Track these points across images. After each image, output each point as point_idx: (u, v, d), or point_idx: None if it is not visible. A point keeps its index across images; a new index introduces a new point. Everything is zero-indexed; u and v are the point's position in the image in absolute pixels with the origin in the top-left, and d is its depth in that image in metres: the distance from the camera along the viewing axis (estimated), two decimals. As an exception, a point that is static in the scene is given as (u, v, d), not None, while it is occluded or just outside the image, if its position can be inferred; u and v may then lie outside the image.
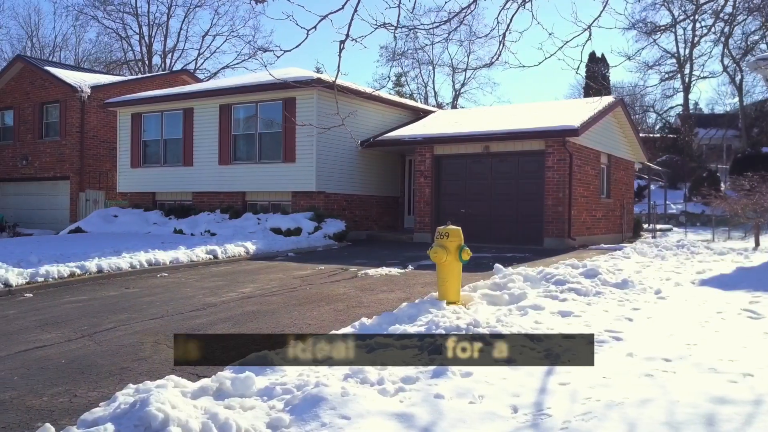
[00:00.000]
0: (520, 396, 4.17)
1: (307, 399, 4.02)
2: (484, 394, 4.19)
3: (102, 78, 27.56)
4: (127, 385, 4.48)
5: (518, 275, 8.19)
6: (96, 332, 7.20)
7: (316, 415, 3.85)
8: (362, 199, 19.52)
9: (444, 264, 7.01)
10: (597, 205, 19.06)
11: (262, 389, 4.35)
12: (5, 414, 4.81)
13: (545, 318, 6.36)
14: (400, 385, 4.37)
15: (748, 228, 25.05)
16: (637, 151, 22.66)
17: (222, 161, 19.24)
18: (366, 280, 10.52)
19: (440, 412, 3.91)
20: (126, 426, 3.41)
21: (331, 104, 18.03)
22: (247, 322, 7.54)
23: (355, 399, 4.02)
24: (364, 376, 4.43)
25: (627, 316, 6.44)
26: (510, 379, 4.50)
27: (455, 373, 4.55)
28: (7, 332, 7.33)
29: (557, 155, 16.61)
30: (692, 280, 8.76)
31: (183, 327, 7.36)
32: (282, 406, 4.03)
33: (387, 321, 6.25)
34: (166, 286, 10.27)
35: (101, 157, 25.44)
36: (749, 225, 25.23)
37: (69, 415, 4.74)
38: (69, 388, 5.33)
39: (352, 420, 3.77)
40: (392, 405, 4.05)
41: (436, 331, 5.51)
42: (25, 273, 10.03)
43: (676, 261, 11.09)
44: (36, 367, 5.95)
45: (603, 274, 8.28)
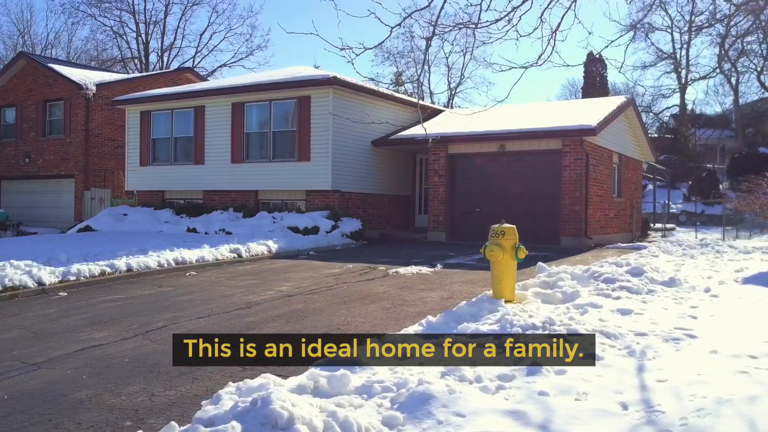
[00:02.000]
0: (623, 393, 4.16)
1: (415, 397, 3.98)
2: (587, 392, 4.17)
3: (106, 75, 27.35)
4: (227, 383, 4.43)
5: (565, 274, 8.19)
6: (148, 331, 7.12)
7: (428, 412, 3.82)
8: (375, 198, 19.49)
9: (500, 262, 7.00)
10: (610, 205, 19.13)
11: (358, 387, 4.31)
12: (88, 413, 4.75)
13: (607, 316, 6.35)
14: (498, 383, 4.34)
15: (755, 227, 25.27)
16: (645, 151, 22.77)
17: (234, 160, 19.12)
18: (399, 279, 10.49)
19: (550, 409, 3.89)
20: (252, 424, 3.36)
21: (346, 103, 18.01)
22: (299, 320, 7.49)
23: (462, 397, 3.99)
24: (462, 374, 4.41)
25: (689, 314, 6.45)
26: (604, 376, 4.49)
27: (549, 371, 4.53)
28: (55, 331, 7.24)
29: (574, 154, 16.65)
30: (734, 278, 8.81)
31: (234, 325, 7.30)
32: (389, 404, 4.00)
33: (452, 319, 6.23)
34: (200, 285, 10.19)
35: (106, 156, 25.21)
36: (755, 224, 25.47)
37: (155, 414, 4.69)
38: (144, 387, 5.27)
39: (468, 418, 3.75)
40: (499, 402, 4.03)
41: (512, 330, 5.49)
42: (57, 272, 9.92)
43: (705, 260, 11.15)
44: (101, 366, 5.88)
45: (648, 273, 8.29)
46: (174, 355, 5.59)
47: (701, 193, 39.07)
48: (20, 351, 6.44)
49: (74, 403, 4.95)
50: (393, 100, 20.30)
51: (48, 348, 6.52)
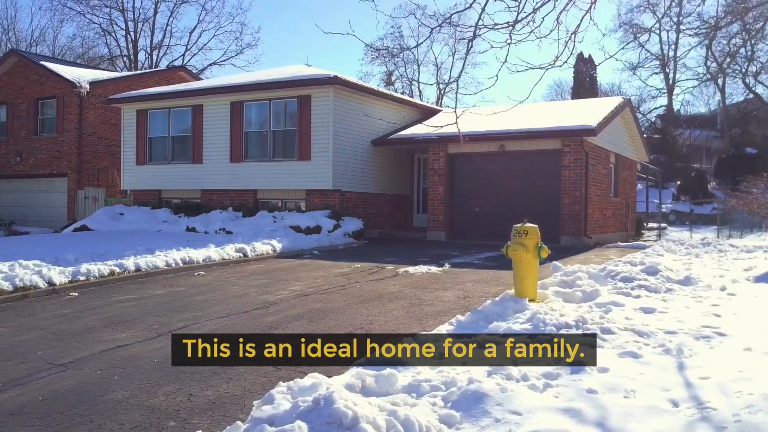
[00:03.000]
0: (669, 390, 4.21)
1: (468, 395, 4.00)
2: (634, 389, 4.22)
3: (99, 74, 27.12)
4: (278, 383, 4.42)
5: (582, 273, 8.26)
6: (170, 331, 7.07)
7: (484, 411, 3.84)
8: (374, 198, 19.50)
9: (523, 262, 7.04)
10: (607, 204, 19.29)
11: (405, 386, 4.32)
12: (128, 413, 4.72)
13: (632, 314, 6.42)
14: (544, 381, 4.38)
15: (745, 226, 25.61)
16: (640, 151, 22.99)
17: (233, 159, 19.05)
18: (411, 278, 10.51)
19: (602, 407, 3.93)
20: (318, 423, 3.37)
21: (347, 102, 18.01)
22: (320, 319, 7.48)
23: (515, 395, 4.02)
24: (508, 373, 4.43)
25: (712, 312, 6.53)
26: (647, 374, 4.54)
27: (592, 369, 4.57)
28: (76, 332, 7.18)
29: (574, 154, 16.77)
30: (746, 277, 8.92)
31: (256, 325, 7.28)
32: (442, 403, 4.02)
33: (480, 318, 6.26)
34: (211, 285, 10.15)
35: (99, 155, 25.01)
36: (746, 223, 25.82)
37: (197, 414, 4.67)
38: (179, 387, 5.24)
39: (524, 416, 3.77)
40: (550, 400, 4.06)
41: (546, 329, 5.52)
42: (67, 271, 9.84)
43: (710, 258, 11.28)
44: (131, 366, 5.84)
45: (663, 272, 8.38)
46: (180, 356, 5.55)
47: (690, 193, 39.53)
48: (44, 352, 6.39)
49: (112, 404, 4.91)
50: (392, 99, 20.34)
51: (72, 348, 6.46)
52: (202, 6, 58.90)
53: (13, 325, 7.58)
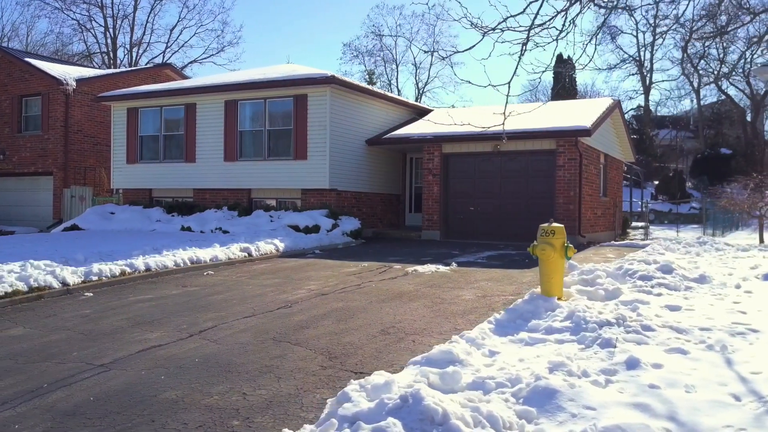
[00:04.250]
0: (727, 385, 4.37)
1: (538, 391, 4.11)
2: (693, 384, 4.36)
3: (85, 71, 26.74)
4: (349, 381, 4.48)
5: (600, 271, 8.43)
6: (201, 331, 7.08)
7: (558, 406, 3.95)
8: (368, 197, 19.56)
9: (551, 261, 7.18)
10: (598, 204, 19.61)
11: (470, 383, 4.41)
12: (187, 413, 4.74)
13: (659, 312, 6.58)
14: (604, 377, 4.50)
15: (726, 224, 26.26)
16: (627, 151, 23.39)
17: (228, 158, 18.95)
18: (422, 277, 10.60)
19: (669, 401, 4.07)
20: (410, 420, 3.44)
21: (343, 102, 18.05)
22: (348, 318, 7.54)
23: (582, 391, 4.14)
24: (569, 369, 4.55)
25: (737, 309, 6.73)
26: (699, 369, 4.69)
27: (647, 364, 4.71)
28: (104, 332, 7.14)
29: (568, 154, 17.02)
30: (754, 275, 9.17)
31: (285, 324, 7.31)
32: (514, 399, 4.11)
33: (516, 317, 6.38)
34: (225, 284, 10.13)
35: (85, 153, 24.69)
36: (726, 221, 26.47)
37: (258, 412, 4.70)
38: (230, 386, 5.27)
39: (598, 410, 3.89)
40: (616, 395, 4.18)
41: (587, 326, 5.66)
42: (79, 271, 9.75)
43: (711, 257, 11.57)
44: (173, 366, 5.84)
45: (677, 270, 8.60)
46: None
47: (668, 193, 40.30)
48: (80, 352, 6.35)
49: (168, 404, 4.93)
50: (386, 99, 20.43)
51: (107, 349, 6.44)
52: (183, 3, 58.41)
53: (37, 325, 7.51)
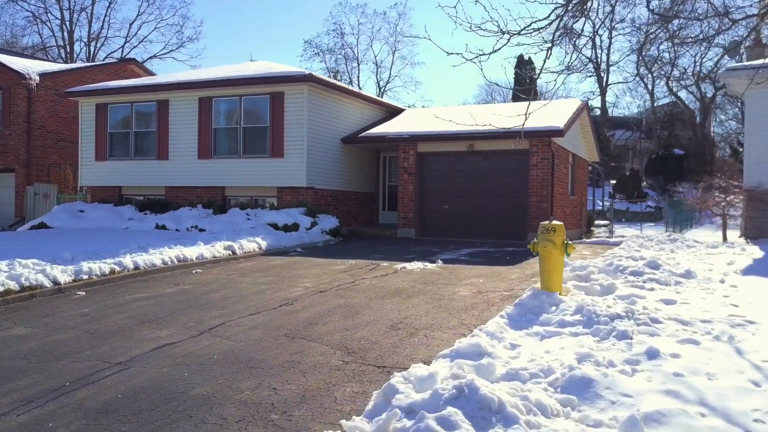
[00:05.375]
0: (744, 372, 4.65)
1: (575, 381, 4.32)
2: (713, 372, 4.63)
3: (48, 65, 26.09)
4: (393, 374, 4.61)
5: (593, 267, 8.74)
6: (211, 329, 7.10)
7: (596, 394, 4.16)
8: (344, 195, 19.64)
9: (552, 257, 7.43)
10: (567, 202, 20.13)
11: (503, 374, 4.59)
12: (222, 408, 4.78)
13: (656, 305, 6.89)
14: (630, 366, 4.73)
15: (684, 222, 27.20)
16: (592, 151, 24.03)
17: (202, 155, 18.78)
18: (412, 275, 10.76)
19: (695, 388, 4.32)
20: (470, 409, 3.60)
21: (319, 100, 18.09)
22: (353, 315, 7.65)
23: (615, 379, 4.36)
24: (596, 359, 4.77)
25: (728, 302, 7.09)
26: (715, 359, 4.98)
27: (665, 354, 4.97)
28: (111, 330, 7.09)
29: (541, 154, 17.44)
30: (733, 270, 9.63)
31: (294, 321, 7.37)
32: (552, 389, 4.31)
33: (526, 311, 6.60)
34: (218, 283, 10.11)
35: (49, 149, 24.08)
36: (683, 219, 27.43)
37: (294, 406, 4.77)
38: (258, 382, 5.33)
39: (635, 398, 4.12)
40: (645, 383, 4.42)
41: (599, 319, 5.91)
42: (69, 270, 9.60)
43: (685, 254, 12.05)
44: (194, 363, 5.86)
45: (663, 266, 8.98)
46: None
47: (625, 192, 41.47)
48: (92, 351, 6.31)
49: (200, 400, 4.97)
50: (361, 98, 20.54)
51: (120, 347, 6.41)
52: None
53: (38, 325, 7.40)
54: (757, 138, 15.46)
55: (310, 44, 66.93)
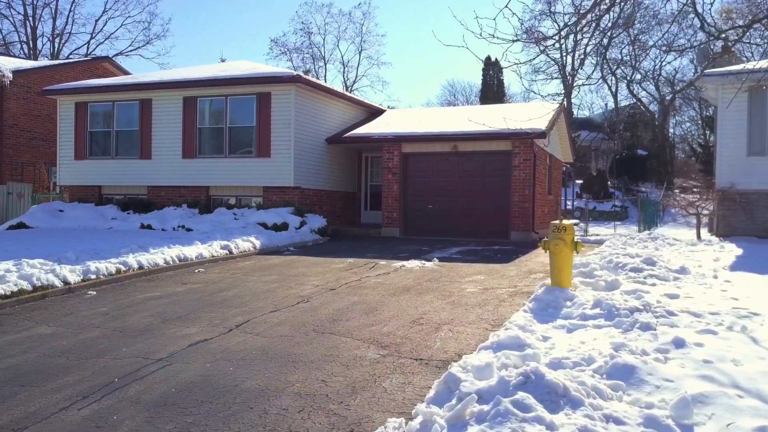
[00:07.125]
0: (765, 359, 5.07)
1: (618, 368, 4.66)
2: (738, 359, 5.03)
3: (20, 62, 25.59)
4: (453, 365, 4.87)
5: (594, 264, 9.16)
6: (238, 326, 7.27)
7: (640, 380, 4.51)
8: (328, 195, 19.83)
9: (562, 255, 7.80)
10: (545, 202, 20.69)
11: (547, 363, 4.91)
12: (279, 399, 4.96)
13: (663, 299, 7.30)
14: (661, 355, 5.10)
15: (651, 221, 28.14)
16: (567, 152, 24.69)
17: (186, 155, 18.74)
18: (414, 273, 11.05)
19: (726, 373, 4.70)
20: (538, 393, 3.90)
21: (305, 100, 18.25)
22: (373, 311, 7.89)
23: (655, 366, 4.72)
24: (630, 348, 5.12)
25: (729, 296, 7.56)
26: (735, 347, 5.38)
27: (690, 343, 5.36)
28: (140, 328, 7.19)
29: (523, 155, 17.92)
30: (721, 266, 10.17)
31: (317, 318, 7.58)
32: (598, 375, 4.64)
33: (546, 306, 6.95)
34: (224, 281, 10.23)
35: (21, 148, 23.64)
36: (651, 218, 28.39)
37: (347, 396, 5.00)
38: (306, 375, 5.55)
39: (676, 383, 4.47)
40: (679, 370, 4.78)
41: (620, 313, 6.28)
42: (77, 270, 9.62)
43: (670, 251, 12.60)
44: (236, 359, 6.04)
45: (659, 262, 9.45)
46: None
47: (592, 192, 42.55)
48: (128, 348, 6.43)
49: (255, 392, 5.16)
50: (344, 99, 20.77)
51: (154, 344, 6.54)
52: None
53: (61, 324, 7.46)
54: (730, 141, 16.20)
55: (276, 43, 66.80)
